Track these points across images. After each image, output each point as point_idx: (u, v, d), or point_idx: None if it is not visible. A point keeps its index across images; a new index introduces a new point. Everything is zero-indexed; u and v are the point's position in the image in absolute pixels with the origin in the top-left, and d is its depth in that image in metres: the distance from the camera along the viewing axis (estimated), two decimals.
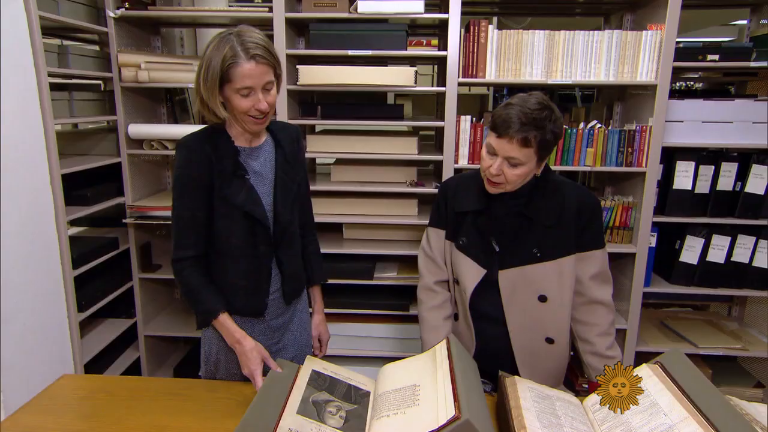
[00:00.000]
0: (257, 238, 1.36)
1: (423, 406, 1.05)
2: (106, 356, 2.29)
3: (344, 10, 2.09)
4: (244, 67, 1.21)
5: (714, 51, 2.10)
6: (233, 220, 1.34)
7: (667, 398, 1.05)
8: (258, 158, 1.38)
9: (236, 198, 1.31)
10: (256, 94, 1.25)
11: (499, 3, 2.58)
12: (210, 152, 1.29)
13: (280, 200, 1.38)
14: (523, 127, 1.28)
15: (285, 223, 1.40)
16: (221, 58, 1.20)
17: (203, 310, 1.33)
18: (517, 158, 1.31)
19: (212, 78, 1.22)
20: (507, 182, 1.36)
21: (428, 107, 3.10)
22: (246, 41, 1.21)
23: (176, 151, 1.32)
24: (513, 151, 1.30)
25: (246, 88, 1.23)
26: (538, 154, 1.33)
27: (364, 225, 2.41)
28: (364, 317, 2.44)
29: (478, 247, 1.47)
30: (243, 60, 1.21)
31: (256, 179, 1.36)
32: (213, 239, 1.37)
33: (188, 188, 1.30)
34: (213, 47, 1.22)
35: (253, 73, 1.22)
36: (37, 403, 1.27)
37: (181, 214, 1.32)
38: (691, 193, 2.21)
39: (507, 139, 1.30)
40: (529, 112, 1.28)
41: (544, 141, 1.31)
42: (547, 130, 1.30)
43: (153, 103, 2.49)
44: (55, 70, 1.92)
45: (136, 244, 2.38)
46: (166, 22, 2.50)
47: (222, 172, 1.30)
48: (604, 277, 1.48)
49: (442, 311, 1.57)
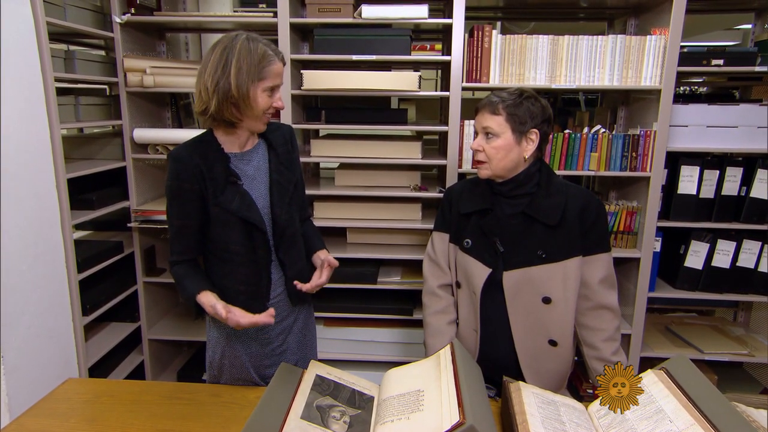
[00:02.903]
0: (255, 242, 1.37)
1: (427, 411, 1.05)
2: (110, 360, 2.29)
3: (348, 16, 2.09)
4: (278, 65, 1.30)
5: (718, 56, 2.10)
6: (230, 227, 1.34)
7: (672, 404, 1.04)
8: (251, 162, 1.39)
9: (230, 204, 1.32)
10: (276, 92, 1.33)
11: (502, 8, 2.59)
12: (199, 162, 1.30)
13: (276, 202, 1.39)
14: (494, 99, 1.43)
15: (284, 224, 1.40)
16: (258, 56, 1.26)
17: (187, 296, 1.33)
18: (489, 127, 1.42)
19: (248, 76, 1.25)
20: (489, 158, 1.44)
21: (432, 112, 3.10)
22: (268, 43, 1.30)
23: (168, 161, 1.33)
24: (485, 120, 1.43)
25: (274, 87, 1.31)
26: (511, 125, 1.41)
27: (367, 229, 2.41)
28: (368, 322, 2.44)
29: (483, 247, 1.48)
30: (275, 59, 1.29)
31: (250, 183, 1.37)
32: (212, 245, 1.37)
33: (177, 200, 1.32)
34: (241, 45, 1.25)
35: (281, 72, 1.32)
36: (42, 407, 1.28)
37: (173, 223, 1.35)
38: (695, 197, 2.21)
39: (480, 113, 1.45)
40: (504, 93, 1.44)
41: (513, 113, 1.40)
42: (517, 104, 1.41)
43: (158, 108, 2.50)
44: (62, 75, 1.93)
45: (141, 247, 2.39)
46: (172, 28, 2.51)
47: (214, 180, 1.31)
48: (611, 282, 1.48)
49: (445, 316, 1.57)
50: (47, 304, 1.85)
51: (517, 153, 1.42)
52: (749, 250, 2.25)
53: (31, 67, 1.74)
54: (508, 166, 1.43)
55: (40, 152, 1.80)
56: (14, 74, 1.67)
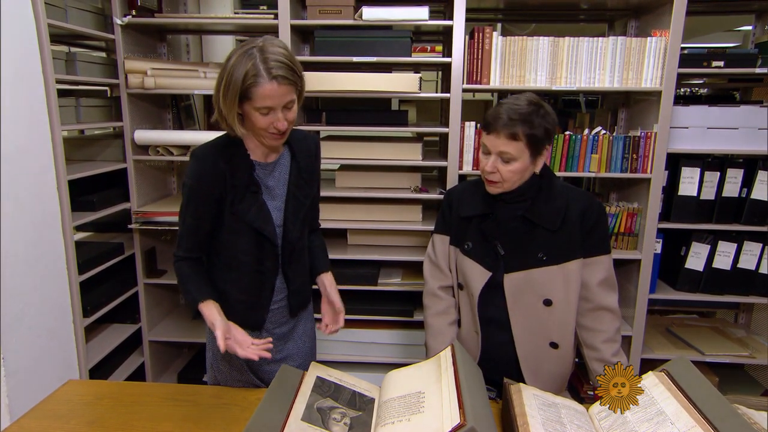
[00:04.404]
0: (264, 254, 1.35)
1: (428, 413, 1.05)
2: (110, 361, 2.29)
3: (349, 17, 2.09)
4: (265, 87, 1.17)
5: (719, 57, 2.10)
6: (241, 235, 1.33)
7: (673, 406, 1.04)
8: (272, 173, 1.35)
9: (246, 214, 1.30)
10: (276, 113, 1.22)
11: (503, 9, 2.59)
12: (223, 167, 1.27)
13: (290, 217, 1.37)
14: (510, 121, 1.33)
15: (294, 240, 1.38)
16: (242, 75, 1.16)
17: (190, 300, 1.32)
18: (508, 153, 1.35)
19: (232, 94, 1.18)
20: (503, 180, 1.39)
21: (432, 113, 3.10)
22: (269, 59, 1.16)
23: (190, 158, 1.30)
24: (503, 145, 1.35)
25: (266, 108, 1.20)
26: (530, 149, 1.36)
27: (368, 231, 2.41)
28: (369, 323, 2.44)
29: (484, 250, 1.48)
30: (264, 80, 1.16)
31: (268, 194, 1.35)
32: (220, 250, 1.36)
33: (195, 200, 1.30)
34: (235, 60, 1.17)
35: (274, 93, 1.18)
36: (42, 408, 1.28)
37: (186, 220, 1.33)
38: (696, 199, 2.21)
39: (495, 134, 1.36)
40: (516, 108, 1.34)
41: (533, 136, 1.34)
42: (536, 125, 1.34)
43: (159, 110, 2.50)
44: (63, 77, 1.93)
45: (142, 249, 2.39)
46: (172, 29, 2.52)
47: (235, 186, 1.29)
48: (611, 283, 1.48)
49: (446, 317, 1.57)
50: (48, 305, 1.85)
51: (531, 170, 1.42)
52: (750, 252, 2.25)
53: (32, 68, 1.75)
54: (519, 183, 1.42)
55: (41, 154, 1.80)
56: (15, 76, 1.67)
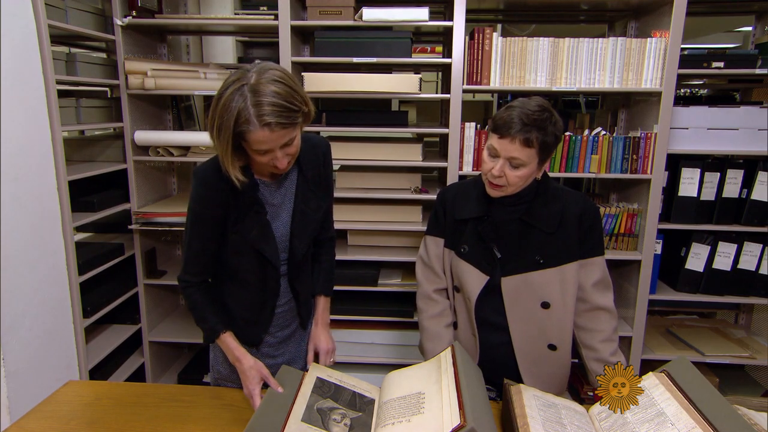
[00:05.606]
0: (267, 274, 1.34)
1: (428, 413, 1.05)
2: (110, 362, 2.29)
3: (349, 18, 2.10)
4: (258, 134, 1.08)
5: (719, 58, 2.10)
6: (244, 254, 1.31)
7: (674, 407, 1.04)
8: (278, 190, 1.32)
9: (248, 234, 1.27)
10: (275, 152, 1.14)
11: (503, 10, 2.59)
12: (225, 188, 1.22)
13: (297, 233, 1.33)
14: (525, 127, 1.30)
15: (300, 256, 1.36)
16: (234, 118, 1.07)
17: (207, 329, 1.33)
18: (519, 158, 1.33)
19: (225, 136, 1.10)
20: (509, 184, 1.37)
21: (433, 114, 3.10)
22: (262, 102, 1.06)
23: (192, 178, 1.26)
24: (515, 151, 1.32)
25: (262, 150, 1.13)
26: (540, 155, 1.34)
27: (368, 231, 2.41)
28: (368, 324, 2.44)
29: (480, 254, 1.47)
30: (256, 128, 1.07)
31: (274, 212, 1.31)
32: (225, 267, 1.35)
33: (200, 223, 1.28)
34: (227, 98, 1.08)
35: (268, 138, 1.10)
36: (43, 409, 1.28)
37: (191, 244, 1.30)
38: (696, 200, 2.21)
39: (509, 139, 1.32)
40: (530, 113, 1.31)
41: (545, 142, 1.33)
42: (548, 132, 1.32)
43: (159, 110, 2.50)
44: (63, 78, 1.94)
45: (142, 250, 2.39)
46: (173, 30, 2.52)
47: (238, 206, 1.26)
48: (606, 284, 1.48)
49: (442, 319, 1.56)
50: (48, 306, 1.85)
51: (535, 174, 1.40)
52: (750, 253, 2.25)
53: (32, 69, 1.75)
54: (522, 187, 1.41)
55: (42, 154, 1.80)
56: (16, 76, 1.68)
